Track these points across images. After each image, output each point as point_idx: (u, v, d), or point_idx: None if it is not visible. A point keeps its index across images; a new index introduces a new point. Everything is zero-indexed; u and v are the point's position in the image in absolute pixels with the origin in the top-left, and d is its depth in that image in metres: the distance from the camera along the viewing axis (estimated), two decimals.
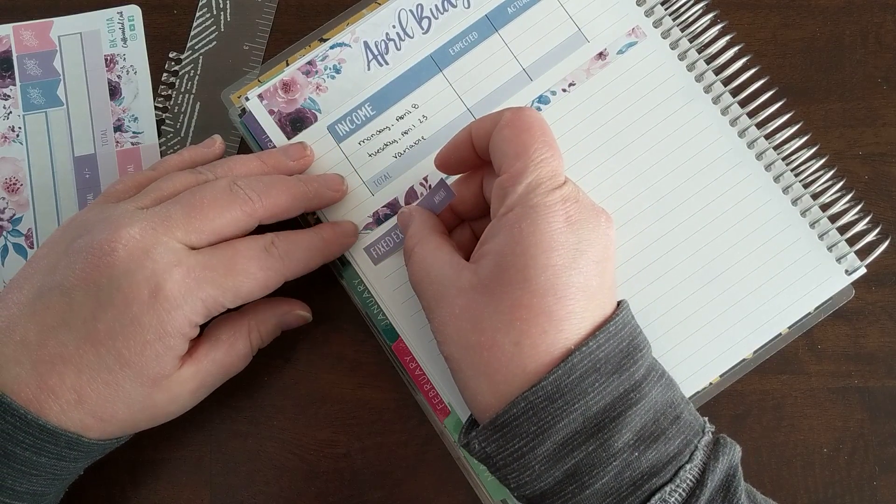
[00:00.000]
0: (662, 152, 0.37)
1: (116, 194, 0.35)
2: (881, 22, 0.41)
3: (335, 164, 0.38)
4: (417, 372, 0.37)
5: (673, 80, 0.38)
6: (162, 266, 0.31)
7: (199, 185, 0.34)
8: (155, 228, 0.31)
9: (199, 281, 0.31)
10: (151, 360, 0.31)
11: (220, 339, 0.34)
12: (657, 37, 0.38)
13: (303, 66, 0.38)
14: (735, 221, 0.37)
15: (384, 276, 0.37)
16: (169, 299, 0.31)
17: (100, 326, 0.30)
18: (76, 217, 0.34)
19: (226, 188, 0.33)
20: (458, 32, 0.39)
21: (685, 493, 0.28)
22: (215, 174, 0.35)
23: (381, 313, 0.38)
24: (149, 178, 0.35)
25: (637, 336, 0.31)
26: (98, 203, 0.34)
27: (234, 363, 0.35)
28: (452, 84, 0.38)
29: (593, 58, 0.38)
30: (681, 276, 0.37)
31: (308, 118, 0.38)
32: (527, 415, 0.28)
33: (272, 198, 0.34)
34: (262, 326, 0.36)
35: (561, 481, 0.28)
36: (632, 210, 0.37)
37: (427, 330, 0.37)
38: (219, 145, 0.38)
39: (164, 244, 0.31)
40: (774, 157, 0.38)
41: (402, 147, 0.38)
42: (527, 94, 0.38)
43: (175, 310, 0.31)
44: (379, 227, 0.38)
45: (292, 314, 0.37)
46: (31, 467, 0.30)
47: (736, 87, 0.38)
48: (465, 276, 0.31)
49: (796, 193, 0.37)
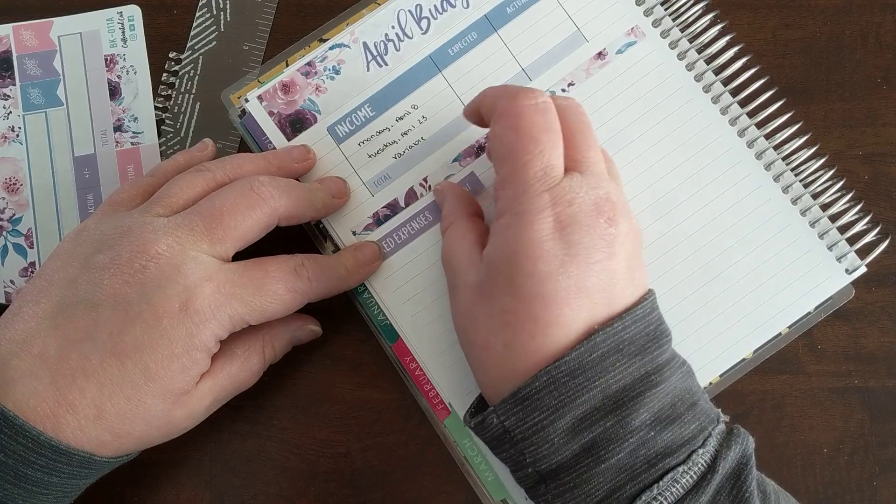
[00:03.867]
0: (662, 152, 0.37)
1: (122, 202, 0.34)
2: (881, 22, 0.41)
3: (335, 166, 0.38)
4: (417, 372, 0.37)
5: (672, 79, 0.38)
6: (193, 280, 0.31)
7: (215, 190, 0.34)
8: (181, 243, 0.31)
9: (228, 297, 0.32)
10: (178, 373, 0.31)
11: (236, 353, 0.34)
12: (656, 36, 0.38)
13: (302, 67, 0.38)
14: (734, 221, 0.37)
15: (384, 276, 0.37)
16: (199, 313, 0.31)
17: (127, 340, 0.30)
18: (87, 228, 0.33)
19: (246, 189, 0.33)
20: (458, 33, 0.39)
21: (696, 476, 0.28)
22: (224, 172, 0.35)
23: (381, 313, 0.38)
24: (151, 183, 0.35)
25: (662, 324, 0.31)
26: (105, 212, 0.34)
27: (248, 378, 0.35)
28: (452, 84, 0.38)
29: (592, 57, 0.38)
30: (680, 275, 0.37)
31: (308, 119, 0.38)
32: (548, 388, 0.29)
33: (293, 198, 0.34)
34: (275, 342, 0.36)
35: (577, 454, 0.29)
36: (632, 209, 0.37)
37: (427, 330, 0.37)
38: (211, 148, 0.38)
39: (193, 258, 0.31)
40: (774, 156, 0.38)
41: (401, 148, 0.38)
42: None
43: (204, 323, 0.31)
44: (379, 227, 0.38)
45: (304, 329, 0.37)
46: (42, 487, 0.30)
47: (735, 87, 0.38)
48: (472, 275, 0.31)
49: (796, 193, 0.37)
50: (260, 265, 0.33)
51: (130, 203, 0.34)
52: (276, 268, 0.33)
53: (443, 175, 0.38)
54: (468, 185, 0.38)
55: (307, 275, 0.34)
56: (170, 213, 0.33)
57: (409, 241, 0.38)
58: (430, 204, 0.38)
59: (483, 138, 0.38)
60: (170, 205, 0.33)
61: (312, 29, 0.40)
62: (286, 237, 0.37)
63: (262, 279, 0.33)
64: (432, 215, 0.38)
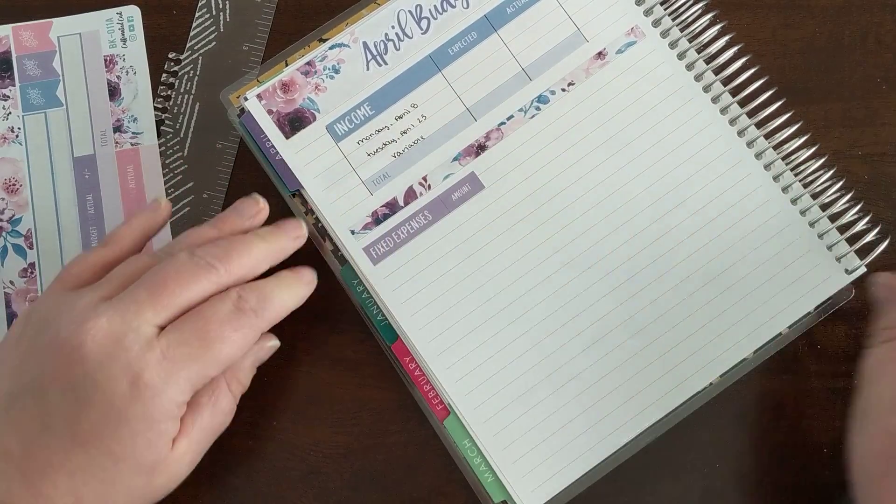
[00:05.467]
0: (662, 151, 0.37)
1: (73, 279, 0.33)
2: (881, 22, 0.41)
3: (333, 164, 0.38)
4: (417, 372, 0.37)
5: (672, 79, 0.38)
6: (135, 353, 0.30)
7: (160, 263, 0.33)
8: (122, 315, 0.30)
9: (176, 360, 0.30)
10: (145, 449, 0.30)
11: (202, 403, 0.33)
12: (656, 36, 0.38)
13: (302, 67, 0.38)
14: (734, 221, 0.37)
15: (383, 276, 0.37)
16: (150, 387, 0.30)
17: (84, 426, 0.29)
18: (35, 309, 0.32)
19: (187, 260, 0.32)
20: (457, 32, 0.39)
21: None
22: (173, 252, 0.33)
23: (380, 313, 0.38)
24: (103, 257, 0.34)
25: None
26: (55, 291, 0.33)
27: (223, 421, 0.34)
28: (451, 84, 0.38)
29: (592, 57, 0.38)
30: (680, 275, 0.37)
31: (307, 118, 0.38)
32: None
33: (234, 261, 0.33)
34: (239, 374, 0.35)
35: None
36: (631, 209, 0.37)
37: (426, 330, 0.37)
38: (164, 207, 0.36)
39: (134, 330, 0.30)
40: (774, 156, 0.38)
41: (400, 146, 0.38)
42: (526, 94, 0.38)
43: (159, 395, 0.30)
44: (378, 226, 0.38)
45: (264, 349, 0.36)
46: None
47: (735, 86, 0.38)
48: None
49: (796, 193, 0.37)
50: (199, 315, 0.31)
51: (81, 280, 0.33)
52: (213, 311, 0.31)
53: (442, 174, 0.38)
54: (468, 186, 0.38)
55: (248, 306, 0.32)
56: (118, 292, 0.32)
57: (408, 240, 0.37)
58: (430, 203, 0.38)
59: (483, 137, 0.38)
60: (119, 287, 0.32)
61: (312, 29, 0.40)
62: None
63: (204, 328, 0.31)
64: (432, 214, 0.38)
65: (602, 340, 0.37)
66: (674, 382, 0.36)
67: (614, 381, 0.36)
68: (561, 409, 0.36)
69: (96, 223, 0.40)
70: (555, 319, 0.37)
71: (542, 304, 0.37)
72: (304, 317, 0.38)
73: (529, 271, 0.37)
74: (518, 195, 0.38)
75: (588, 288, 0.37)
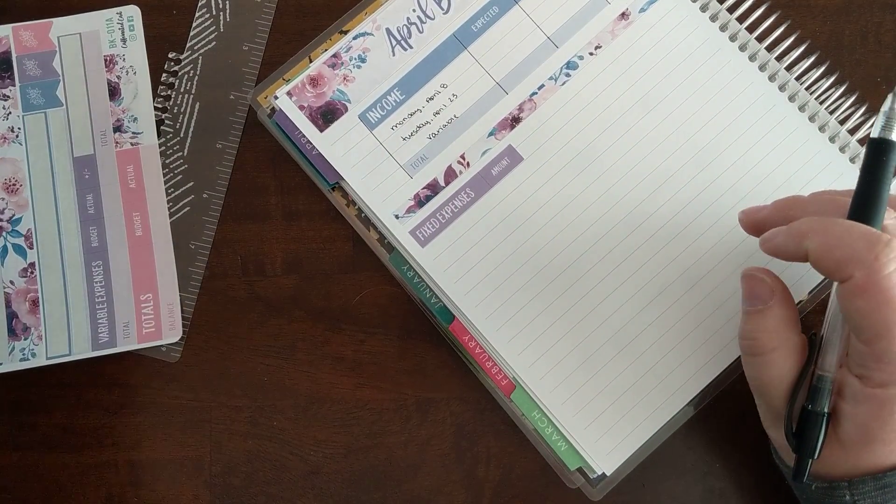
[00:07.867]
0: (697, 103, 0.37)
1: None
2: (881, 21, 0.41)
3: (370, 152, 0.38)
4: (478, 350, 0.37)
5: (698, 32, 0.38)
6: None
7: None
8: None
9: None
10: None
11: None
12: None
13: (328, 60, 0.38)
14: (779, 162, 0.37)
15: (433, 257, 0.37)
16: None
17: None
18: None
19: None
20: (479, 9, 0.39)
21: None
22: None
23: (433, 296, 0.37)
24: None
25: None
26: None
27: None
28: (479, 60, 0.38)
29: (616, 19, 0.38)
30: (730, 224, 0.37)
31: (338, 110, 0.38)
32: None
33: None
34: None
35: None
36: (673, 163, 0.37)
37: (483, 307, 0.36)
38: None
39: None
40: (808, 97, 0.38)
41: (435, 128, 0.38)
42: (554, 62, 0.38)
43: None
44: (421, 208, 0.37)
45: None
46: None
47: (761, 33, 0.38)
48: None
49: (833, 131, 0.37)
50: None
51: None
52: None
53: (479, 151, 0.38)
54: (507, 160, 0.38)
55: None
56: None
57: (453, 219, 0.37)
58: (472, 179, 0.38)
59: (516, 109, 0.38)
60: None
61: (312, 29, 0.40)
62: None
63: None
64: (474, 191, 0.37)
65: (661, 296, 0.36)
66: (735, 331, 0.36)
67: (678, 335, 0.36)
68: (627, 370, 0.36)
69: (96, 223, 0.39)
70: (610, 282, 0.37)
71: (596, 268, 0.37)
72: (304, 317, 0.39)
73: (579, 237, 0.37)
74: (559, 162, 0.38)
75: (640, 246, 0.37)
